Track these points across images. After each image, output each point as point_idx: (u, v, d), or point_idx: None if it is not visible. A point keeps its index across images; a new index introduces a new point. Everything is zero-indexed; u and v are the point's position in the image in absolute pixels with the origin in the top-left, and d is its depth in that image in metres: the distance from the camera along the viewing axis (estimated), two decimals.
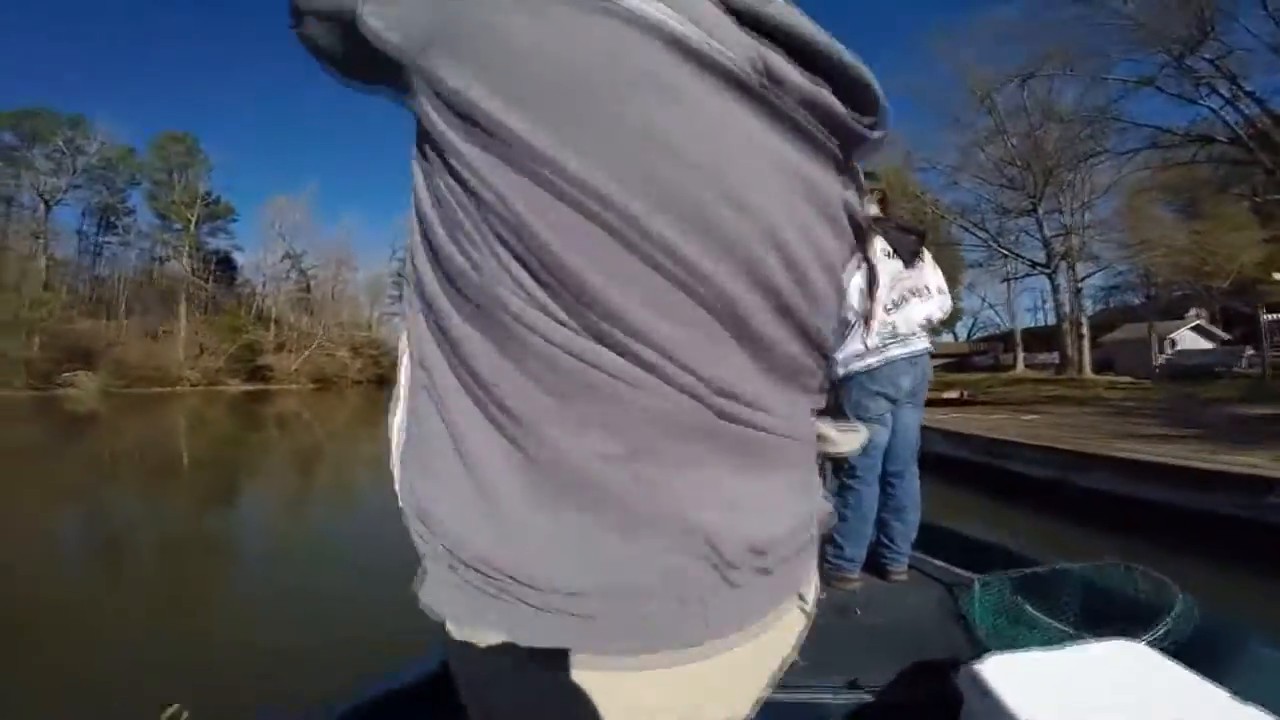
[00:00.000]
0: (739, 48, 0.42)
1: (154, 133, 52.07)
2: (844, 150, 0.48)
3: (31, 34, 76.65)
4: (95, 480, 12.79)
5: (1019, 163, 24.35)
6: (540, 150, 0.40)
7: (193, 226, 50.83)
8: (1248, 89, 16.85)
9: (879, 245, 2.34)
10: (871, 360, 2.26)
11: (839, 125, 0.47)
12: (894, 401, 2.30)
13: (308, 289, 57.09)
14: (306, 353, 50.50)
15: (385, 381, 53.26)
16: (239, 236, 57.77)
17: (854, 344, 2.25)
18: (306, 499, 12.17)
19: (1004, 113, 23.50)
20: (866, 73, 0.47)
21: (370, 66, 0.47)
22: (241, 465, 15.80)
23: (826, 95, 0.45)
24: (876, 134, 0.49)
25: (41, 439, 19.42)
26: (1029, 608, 1.65)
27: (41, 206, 44.89)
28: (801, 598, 0.55)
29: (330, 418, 28.02)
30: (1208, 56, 16.56)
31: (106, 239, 51.15)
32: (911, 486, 2.37)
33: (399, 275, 59.92)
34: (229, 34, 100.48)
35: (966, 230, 27.30)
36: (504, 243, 0.42)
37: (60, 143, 45.24)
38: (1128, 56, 18.86)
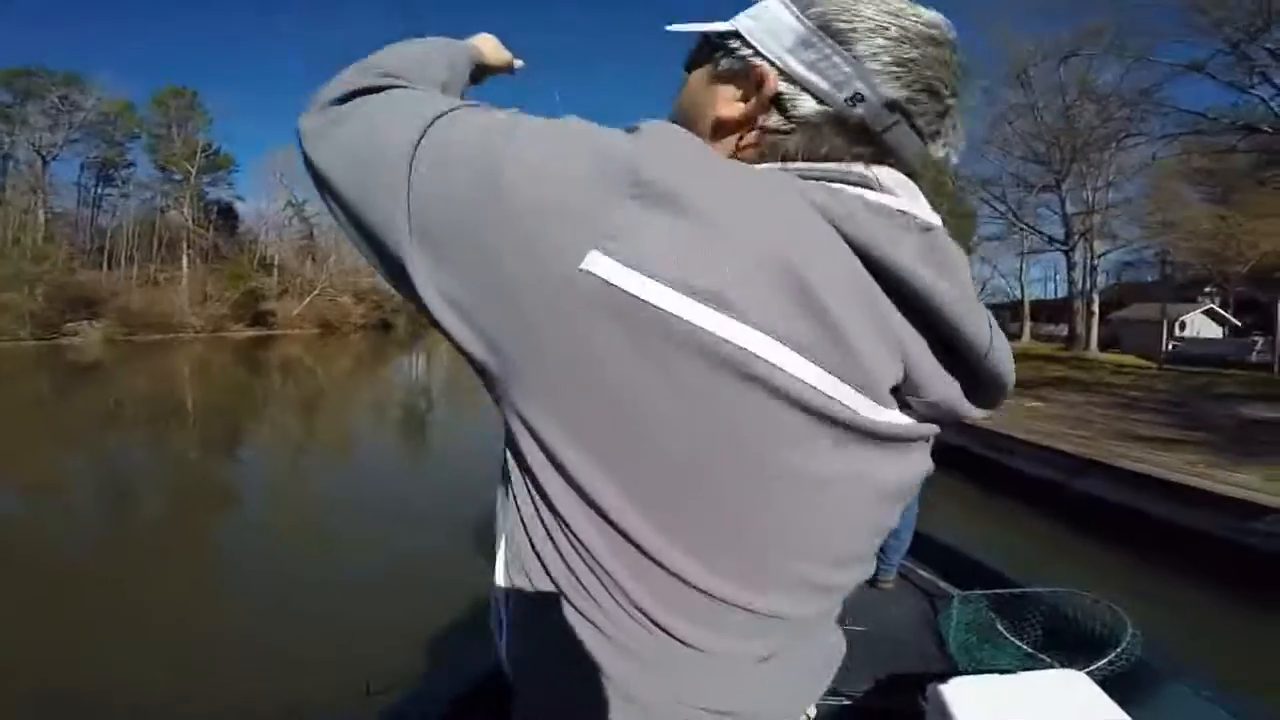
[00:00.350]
0: (882, 374, 0.45)
1: (153, 87, 51.89)
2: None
3: None
4: (100, 427, 13.13)
5: (1048, 138, 23.91)
6: (648, 547, 0.45)
7: (193, 177, 50.60)
8: None
9: None
10: None
11: (955, 416, 0.52)
12: None
13: (310, 236, 57.04)
14: (309, 299, 50.81)
15: (387, 326, 54.84)
16: (240, 187, 58.10)
17: None
18: (309, 444, 12.53)
19: (1039, 88, 22.97)
20: (1005, 367, 0.51)
21: None
22: (246, 410, 16.35)
23: (956, 397, 0.51)
24: (978, 413, 0.55)
25: (47, 388, 19.99)
26: (999, 627, 1.84)
27: (39, 162, 44.81)
28: None
29: (333, 362, 28.40)
30: (1268, 45, 16.06)
31: (106, 191, 51.03)
32: (911, 507, 2.52)
33: None
34: None
35: (986, 203, 26.97)
36: (599, 577, 0.47)
37: (56, 99, 45.04)
38: (1180, 39, 18.17)
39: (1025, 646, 1.75)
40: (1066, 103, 22.81)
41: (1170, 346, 21.20)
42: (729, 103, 0.54)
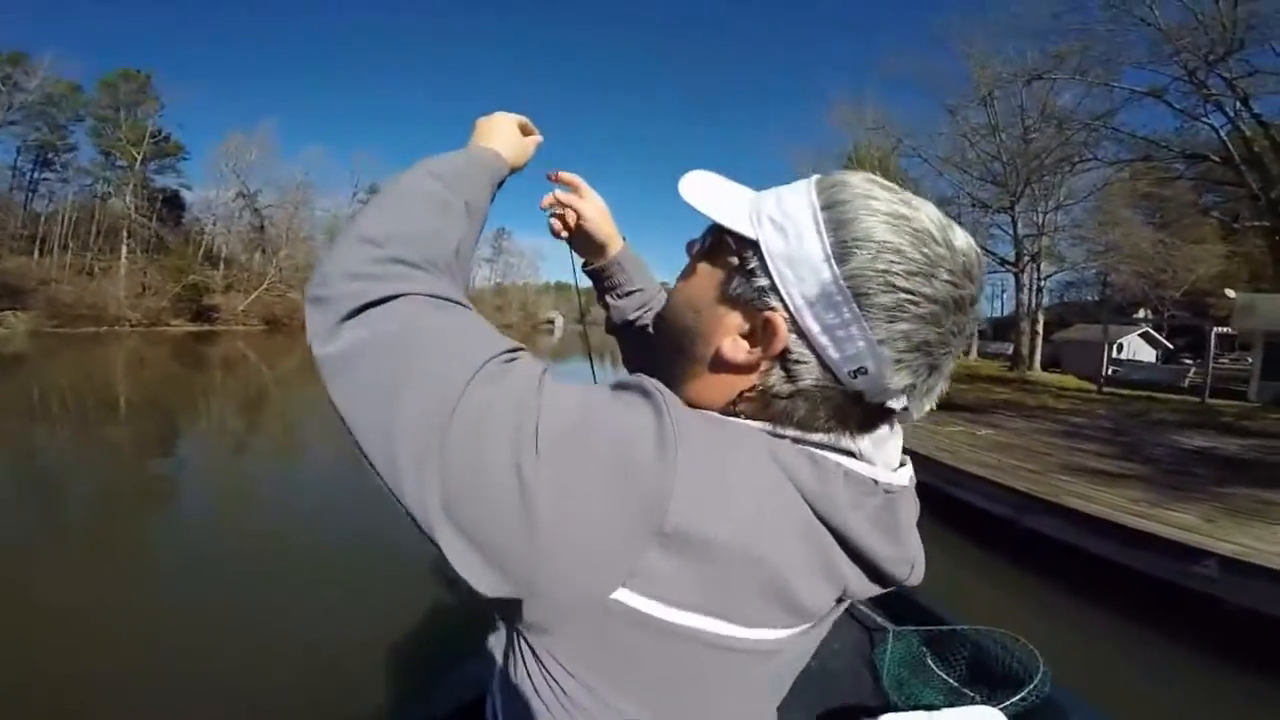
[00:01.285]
0: (825, 607, 0.57)
1: (103, 71, 49.36)
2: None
3: None
4: (22, 420, 12.51)
5: (1005, 160, 24.66)
6: None
7: (138, 164, 48.52)
8: (1254, 110, 17.14)
9: None
10: None
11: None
12: None
13: (261, 229, 55.39)
14: (255, 294, 49.32)
15: None
16: (190, 175, 55.29)
17: None
18: (252, 442, 12.17)
19: (1001, 110, 23.60)
20: (917, 576, 0.62)
21: None
22: (183, 406, 15.64)
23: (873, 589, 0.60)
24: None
25: None
26: (929, 662, 1.92)
27: None
28: None
29: (280, 358, 27.65)
30: (1224, 75, 16.79)
31: (44, 175, 48.69)
32: None
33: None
34: None
35: None
36: None
37: None
38: (1141, 66, 18.90)
39: (952, 681, 1.85)
40: (1026, 125, 23.53)
41: (1110, 371, 22.13)
42: (734, 342, 0.54)
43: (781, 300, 0.52)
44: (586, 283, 1.16)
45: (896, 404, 0.54)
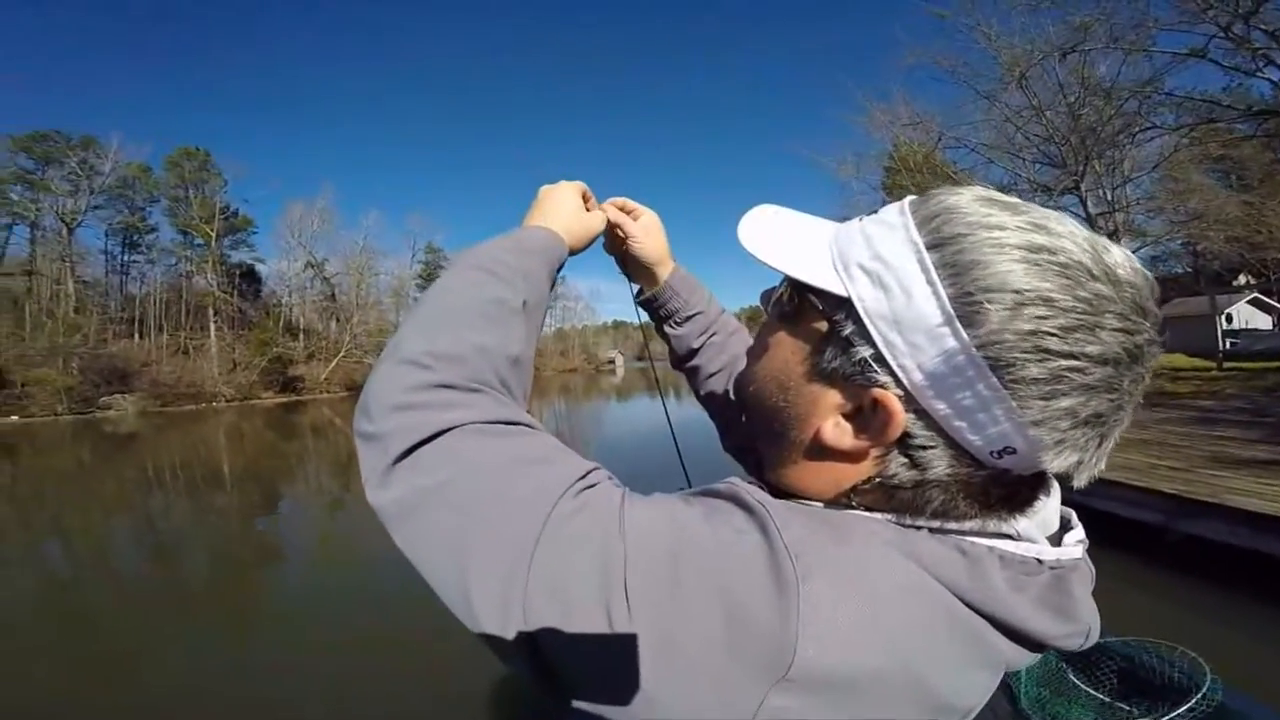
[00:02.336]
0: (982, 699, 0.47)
1: (167, 150, 53.16)
2: None
3: (40, 59, 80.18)
4: (139, 496, 13.60)
5: (1058, 139, 23.62)
6: None
7: (214, 241, 51.96)
8: None
9: None
10: None
11: None
12: None
13: (333, 297, 58.40)
14: (334, 361, 51.76)
15: None
16: (260, 248, 59.04)
17: None
18: (343, 502, 12.71)
19: (1039, 89, 22.72)
20: None
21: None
22: (278, 473, 16.70)
23: None
24: None
25: (89, 460, 20.55)
26: (1073, 678, 1.84)
27: (64, 229, 45.90)
28: None
29: None
30: (1262, 27, 15.79)
31: (133, 258, 52.59)
32: None
33: (418, 278, 60.16)
34: (233, 44, 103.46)
35: None
36: None
37: (75, 164, 46.12)
38: (1172, 27, 17.99)
39: (1102, 696, 1.75)
40: (1070, 101, 22.51)
41: (1227, 344, 19.86)
42: (837, 426, 0.46)
43: (892, 374, 0.43)
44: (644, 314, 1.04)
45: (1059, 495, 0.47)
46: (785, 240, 0.50)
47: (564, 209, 0.78)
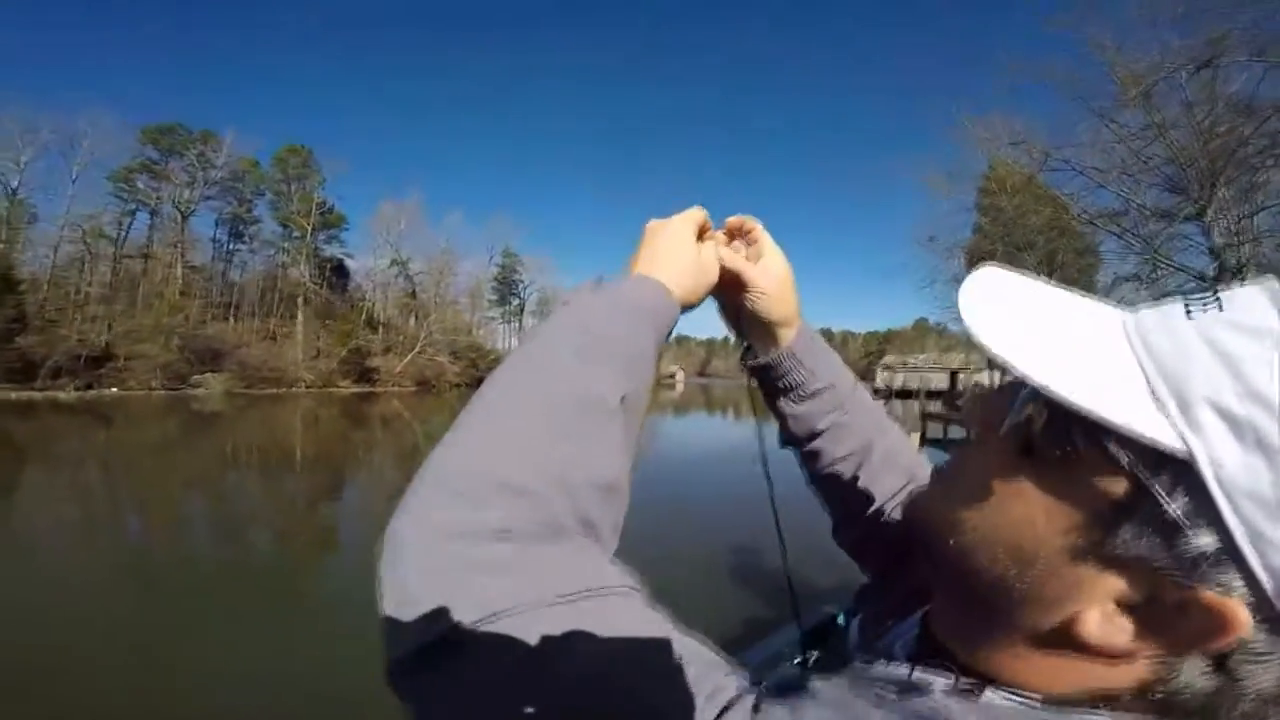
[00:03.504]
0: None
1: (274, 147, 56.76)
2: None
3: (169, 54, 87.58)
4: (216, 473, 14.35)
5: (1182, 161, 21.61)
6: None
7: (309, 235, 54.85)
8: None
9: None
10: None
11: None
12: None
13: (413, 294, 60.53)
14: (409, 356, 53.47)
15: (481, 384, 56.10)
16: (349, 244, 61.86)
17: None
18: (403, 491, 13.14)
19: (1163, 106, 20.83)
20: None
21: None
22: (348, 460, 17.31)
23: None
24: None
25: (175, 435, 21.74)
26: None
27: (179, 217, 49.34)
28: None
29: (429, 417, 29.66)
30: None
31: (237, 247, 56.09)
32: None
33: (494, 280, 61.86)
34: (344, 51, 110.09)
35: (1118, 237, 24.51)
36: None
37: (193, 157, 49.59)
38: None
39: None
40: (1198, 120, 20.51)
41: None
42: (1106, 621, 0.33)
43: (1248, 576, 0.30)
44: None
45: None
46: (1050, 336, 0.35)
47: (678, 254, 0.60)
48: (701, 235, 0.64)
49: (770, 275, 0.65)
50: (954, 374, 62.82)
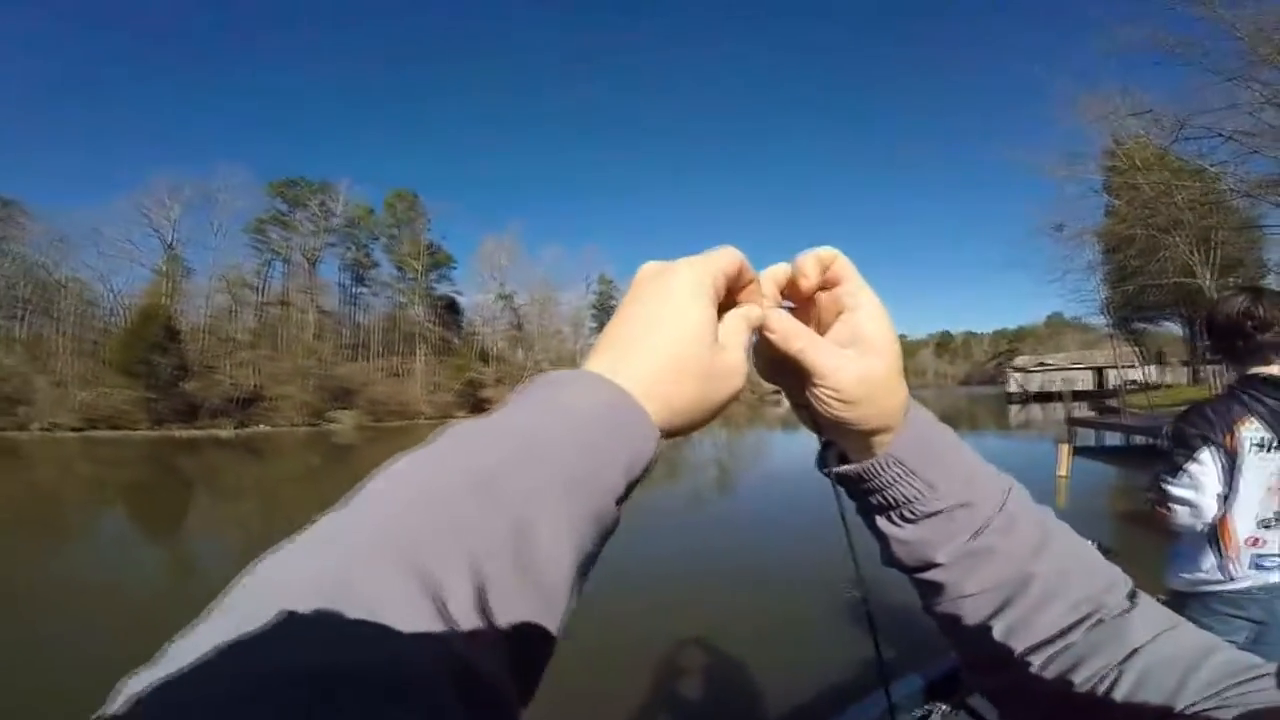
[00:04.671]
0: None
1: (383, 193, 61.62)
2: None
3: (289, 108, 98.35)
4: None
5: None
6: None
7: (421, 275, 58.75)
8: None
9: (1248, 432, 1.86)
10: (1230, 586, 1.90)
11: None
12: (1262, 624, 1.88)
13: (519, 327, 63.21)
14: (518, 386, 55.69)
15: None
16: (458, 281, 65.62)
17: (1204, 560, 1.93)
18: None
19: None
20: None
21: None
22: None
23: None
24: None
25: (316, 464, 23.89)
26: None
27: (306, 265, 54.20)
28: None
29: None
30: None
31: (360, 290, 60.69)
32: None
33: (592, 308, 63.54)
34: (435, 94, 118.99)
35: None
36: None
37: (315, 206, 54.46)
38: None
39: None
40: None
41: None
42: None
43: None
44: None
45: None
46: None
47: (669, 337, 0.37)
48: (730, 297, 0.42)
49: (855, 368, 0.42)
50: (1099, 371, 57.35)
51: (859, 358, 0.42)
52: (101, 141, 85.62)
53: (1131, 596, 0.44)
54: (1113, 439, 17.94)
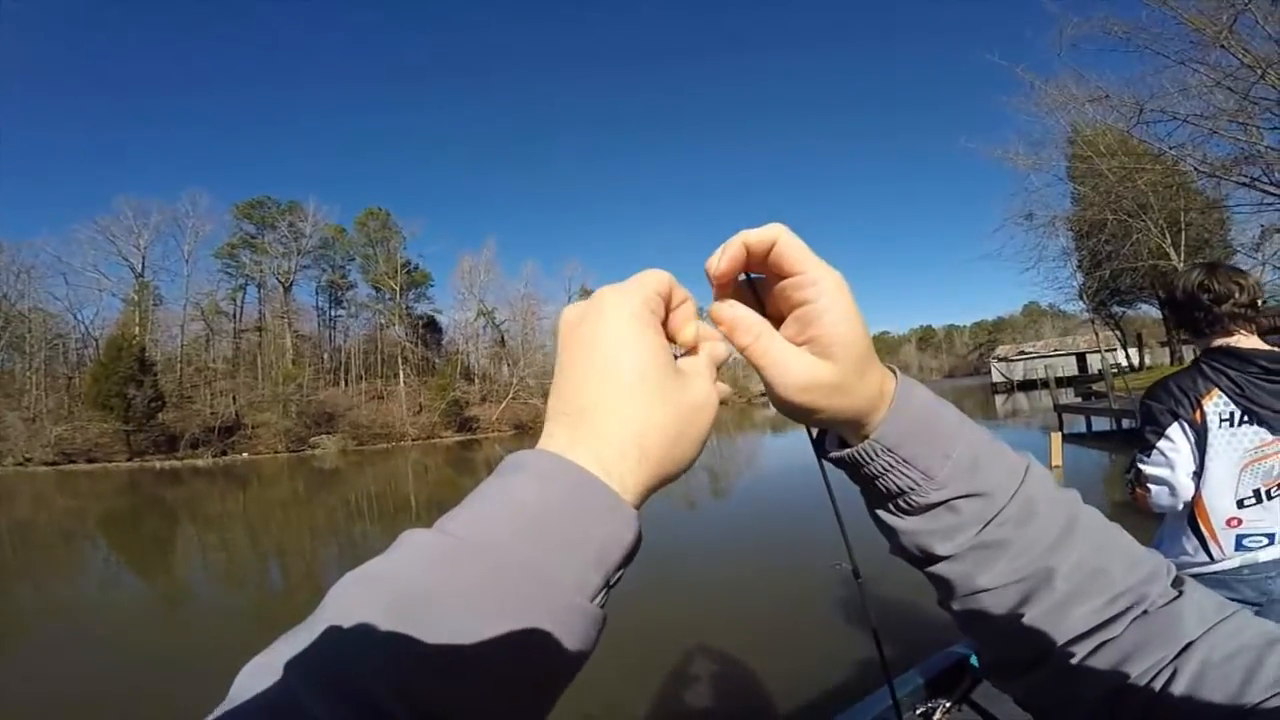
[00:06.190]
0: None
1: (353, 211, 61.00)
2: None
3: (251, 129, 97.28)
4: (342, 522, 15.66)
5: None
6: None
7: (399, 295, 58.19)
8: None
9: (1213, 406, 1.86)
10: (1216, 567, 1.90)
11: None
12: (1258, 604, 1.87)
13: (502, 342, 62.85)
14: (504, 403, 55.34)
15: None
16: (437, 300, 65.19)
17: (1186, 543, 1.93)
18: None
19: (1254, 45, 18.22)
20: None
21: None
22: (460, 499, 18.30)
23: None
24: None
25: (301, 491, 23.63)
26: None
27: (280, 289, 53.45)
28: None
29: None
30: None
31: (337, 312, 60.23)
32: None
33: None
34: (400, 107, 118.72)
35: (1248, 186, 21.69)
36: None
37: (285, 228, 53.71)
38: None
39: None
40: None
41: None
42: None
43: None
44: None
45: None
46: None
47: (621, 383, 0.34)
48: (669, 315, 0.40)
49: (800, 369, 0.40)
50: (1081, 357, 58.19)
51: (805, 358, 0.39)
52: (53, 166, 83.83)
53: (1178, 585, 0.41)
54: (1100, 424, 18.24)
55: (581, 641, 0.29)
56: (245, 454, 40.76)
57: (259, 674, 0.27)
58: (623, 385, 0.34)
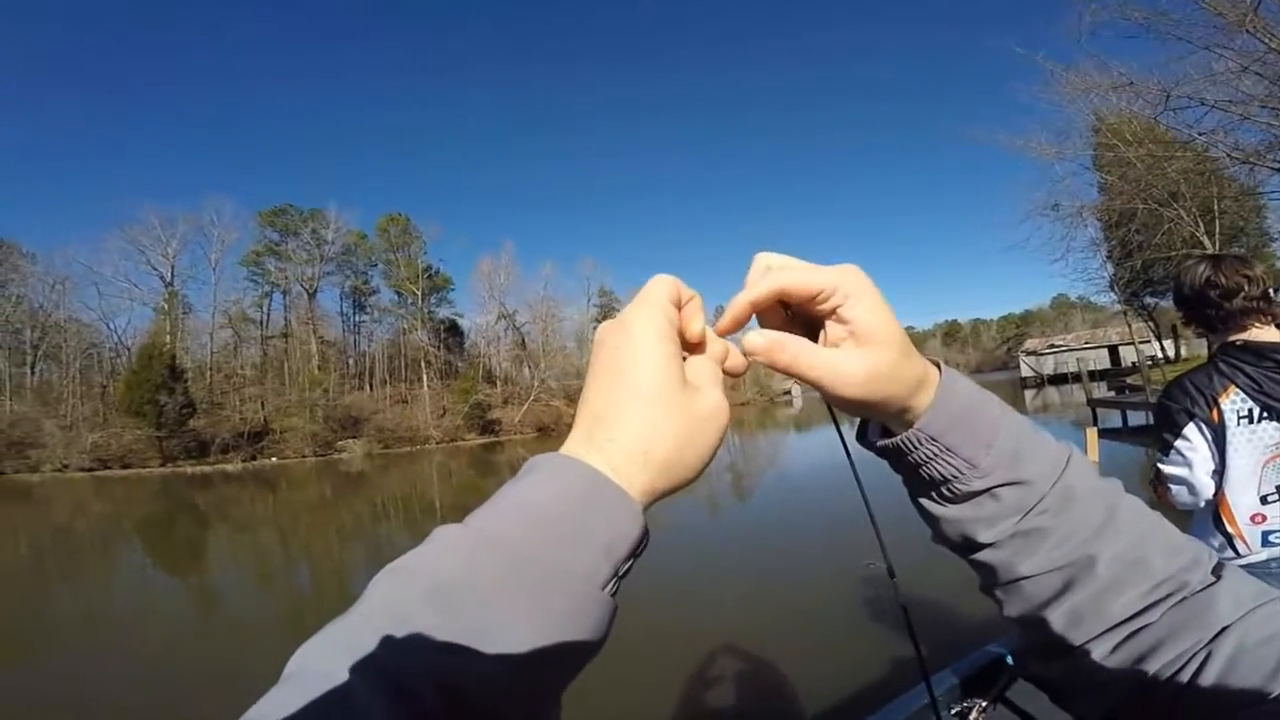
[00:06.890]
0: None
1: (373, 217, 61.31)
2: None
3: (267, 133, 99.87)
4: (369, 524, 16.04)
5: None
6: None
7: (421, 300, 58.88)
8: None
9: (1231, 404, 1.82)
10: (1244, 561, 1.85)
11: None
12: None
13: (523, 345, 63.29)
14: (526, 405, 55.71)
15: None
16: (458, 304, 65.76)
17: (1212, 540, 1.89)
18: None
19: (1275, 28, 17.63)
20: None
21: None
22: (484, 500, 18.68)
23: None
24: None
25: (328, 494, 23.97)
26: None
27: (304, 295, 54.24)
28: None
29: None
30: None
31: (361, 318, 61.07)
32: None
33: (595, 321, 63.87)
34: (419, 113, 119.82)
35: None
36: None
37: (308, 234, 54.46)
38: None
39: None
40: None
41: None
42: None
43: None
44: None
45: None
46: None
47: (635, 392, 0.37)
48: (688, 333, 0.42)
49: (853, 364, 0.42)
50: (1114, 349, 56.92)
51: (856, 354, 0.42)
52: (80, 175, 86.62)
53: (1217, 571, 0.42)
54: (1136, 418, 17.76)
55: (593, 626, 0.32)
56: (274, 458, 41.54)
57: (311, 657, 0.30)
58: (635, 395, 0.37)
